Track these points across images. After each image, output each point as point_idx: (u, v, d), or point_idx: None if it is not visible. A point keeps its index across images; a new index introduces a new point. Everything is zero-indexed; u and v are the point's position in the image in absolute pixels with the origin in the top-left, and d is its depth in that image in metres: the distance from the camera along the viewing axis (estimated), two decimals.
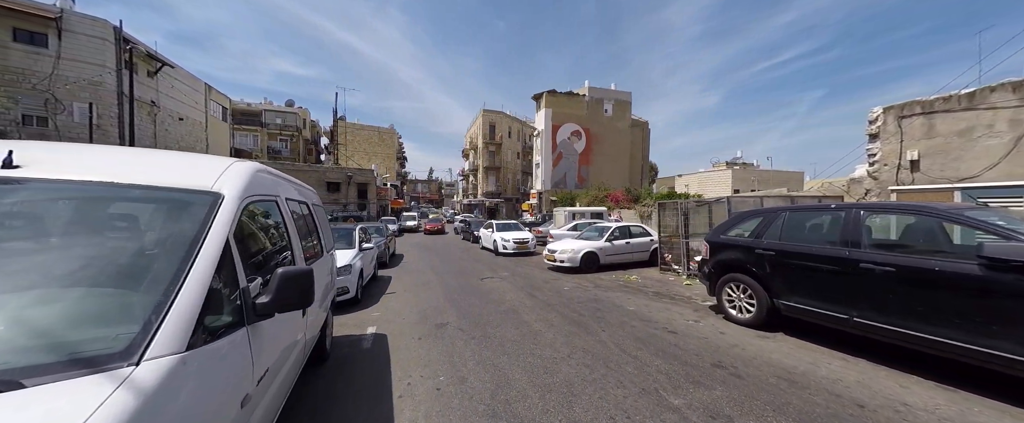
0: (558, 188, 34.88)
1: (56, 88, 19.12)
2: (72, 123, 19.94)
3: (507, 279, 9.09)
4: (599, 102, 36.80)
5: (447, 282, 8.69)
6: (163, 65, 25.87)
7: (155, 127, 25.52)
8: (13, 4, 18.12)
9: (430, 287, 8.08)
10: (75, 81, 19.65)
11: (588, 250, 9.91)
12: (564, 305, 6.35)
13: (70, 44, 19.84)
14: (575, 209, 17.02)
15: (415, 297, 7.11)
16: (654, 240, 11.05)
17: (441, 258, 13.47)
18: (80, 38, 20.38)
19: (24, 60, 18.52)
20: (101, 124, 21.17)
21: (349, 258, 6.46)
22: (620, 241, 10.49)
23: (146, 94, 24.84)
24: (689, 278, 8.71)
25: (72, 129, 19.85)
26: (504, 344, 4.44)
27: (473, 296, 7.15)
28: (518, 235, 14.67)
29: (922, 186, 8.70)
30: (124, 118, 20.84)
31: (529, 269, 10.72)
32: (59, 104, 19.22)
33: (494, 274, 9.92)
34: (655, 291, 7.48)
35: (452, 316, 5.72)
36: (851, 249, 3.74)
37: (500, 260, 12.92)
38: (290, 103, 48.52)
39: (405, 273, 10.12)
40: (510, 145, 51.80)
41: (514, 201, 50.59)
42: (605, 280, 8.83)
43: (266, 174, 2.29)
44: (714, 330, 4.83)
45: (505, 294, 7.34)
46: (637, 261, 10.81)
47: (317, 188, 30.59)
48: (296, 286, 1.61)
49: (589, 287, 7.98)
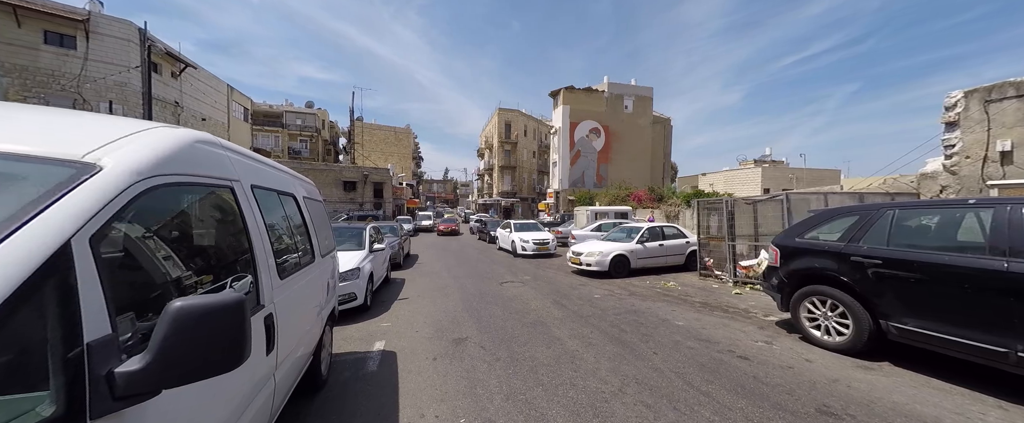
0: (576, 187, 33.82)
1: (83, 89, 19.54)
2: None
3: (529, 284, 8.30)
4: (619, 98, 35.51)
5: (464, 286, 7.96)
6: (186, 66, 26.34)
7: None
8: (43, 7, 18.58)
9: (446, 292, 7.37)
10: (102, 81, 20.05)
11: (618, 253, 9.00)
12: (599, 317, 5.50)
13: (97, 46, 20.24)
14: (597, 208, 16.07)
15: (430, 304, 6.40)
16: (690, 242, 10.03)
17: (457, 259, 12.79)
18: (107, 40, 20.78)
19: (54, 62, 18.99)
20: None
21: (357, 260, 5.81)
22: (652, 243, 9.53)
23: (170, 95, 25.31)
24: (737, 286, 7.69)
25: None
26: (536, 369, 3.65)
27: (493, 304, 6.38)
28: (538, 236, 13.86)
29: (1016, 180, 7.42)
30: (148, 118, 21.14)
31: (552, 272, 9.90)
32: (87, 105, 19.64)
33: (514, 278, 9.14)
34: (701, 301, 6.53)
35: (471, 329, 4.97)
36: (1011, 261, 2.77)
37: (519, 262, 12.14)
38: (309, 105, 49.19)
39: (420, 276, 9.46)
40: (526, 144, 51.00)
41: (530, 201, 49.73)
42: (639, 287, 7.91)
43: (213, 148, 1.58)
44: (796, 356, 3.89)
45: (529, 302, 6.54)
46: (672, 266, 9.82)
47: (333, 187, 30.74)
48: (208, 334, 0.87)
49: (623, 295, 7.10)
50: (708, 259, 8.82)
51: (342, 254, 5.95)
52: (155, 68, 23.81)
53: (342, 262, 5.57)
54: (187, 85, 26.74)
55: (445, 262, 12.04)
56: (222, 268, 1.57)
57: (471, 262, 12.14)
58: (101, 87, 20.17)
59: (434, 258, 13.16)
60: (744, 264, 7.86)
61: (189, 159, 1.34)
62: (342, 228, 7.15)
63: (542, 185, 52.37)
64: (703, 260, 8.93)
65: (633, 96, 35.96)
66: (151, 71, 21.62)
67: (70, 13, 19.07)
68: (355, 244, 6.58)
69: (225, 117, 31.63)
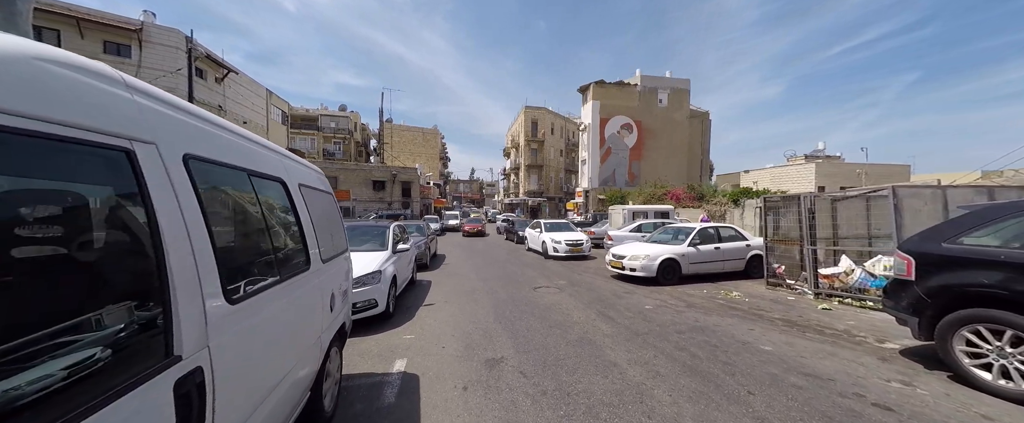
0: (607, 186, 32.37)
1: None
2: None
3: (566, 290, 7.42)
4: (653, 92, 33.62)
5: (495, 291, 7.22)
6: (228, 72, 27.59)
7: None
8: (103, 18, 19.89)
9: (475, 298, 6.65)
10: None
11: (667, 257, 7.92)
12: (659, 336, 4.56)
13: (149, 54, 21.42)
14: (635, 207, 14.87)
15: (458, 311, 5.70)
16: (751, 245, 8.75)
17: (485, 260, 12.11)
18: (157, 48, 21.95)
19: None
20: None
21: (379, 262, 5.20)
22: (707, 246, 8.35)
23: (214, 99, 26.56)
24: (821, 299, 6.42)
25: None
26: (595, 411, 2.81)
27: (529, 314, 5.58)
28: (570, 236, 12.91)
29: None
30: None
31: (589, 277, 8.95)
32: None
33: (548, 282, 8.30)
34: (782, 318, 5.38)
35: (507, 347, 4.19)
36: None
37: (551, 264, 11.27)
38: (342, 108, 50.82)
39: (446, 277, 8.83)
40: (553, 142, 49.88)
41: (557, 200, 48.56)
42: (696, 296, 6.82)
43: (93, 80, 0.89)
44: (963, 409, 2.79)
45: (570, 313, 5.68)
46: (729, 272, 8.58)
47: (363, 187, 31.26)
48: None
49: (679, 307, 6.07)
50: (778, 265, 7.54)
51: (363, 255, 5.38)
52: (200, 73, 25.07)
53: (362, 264, 4.99)
54: (230, 90, 28.04)
55: (473, 263, 11.39)
56: (87, 298, 0.85)
57: (500, 263, 11.42)
58: None
59: (461, 259, 12.56)
60: (826, 272, 6.58)
61: (25, 88, 0.64)
62: (363, 226, 6.63)
63: (570, 184, 51.02)
64: (771, 267, 7.66)
65: (668, 89, 33.94)
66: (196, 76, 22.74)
67: (126, 23, 20.33)
68: (377, 244, 6.00)
69: (264, 120, 33.01)
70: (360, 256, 5.29)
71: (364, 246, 5.90)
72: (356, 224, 6.66)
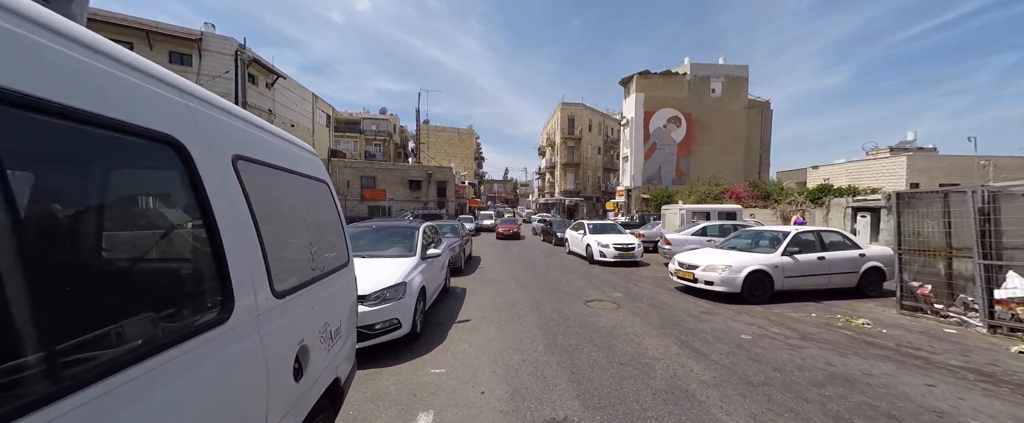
0: (651, 184, 30.04)
1: None
2: None
3: (625, 305, 6.11)
4: (704, 81, 30.70)
5: (539, 305, 6.08)
6: (277, 77, 28.91)
7: None
8: (169, 30, 21.34)
9: (518, 314, 5.55)
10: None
11: (756, 268, 6.32)
12: (787, 389, 3.17)
13: (208, 62, 22.72)
14: (694, 207, 13.03)
15: (499, 333, 4.63)
16: (865, 255, 6.87)
17: (524, 265, 11.01)
18: (215, 56, 23.21)
19: None
20: None
21: (404, 272, 4.25)
22: (807, 255, 6.62)
23: (264, 103, 27.88)
24: (1001, 335, 4.59)
25: None
26: None
27: (588, 341, 4.38)
28: (620, 239, 11.45)
29: None
30: None
31: (648, 289, 7.54)
32: None
33: (601, 294, 7.02)
34: (966, 365, 3.73)
35: (568, 398, 3.03)
36: None
37: (598, 271, 9.93)
38: (383, 111, 52.39)
39: (482, 285, 7.83)
40: (590, 140, 47.82)
41: (594, 200, 46.45)
42: (805, 322, 5.24)
43: None
44: None
45: (641, 340, 4.41)
46: (836, 289, 6.78)
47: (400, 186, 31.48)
48: None
49: (790, 338, 4.56)
50: (919, 284, 5.68)
51: (385, 262, 4.48)
52: (252, 79, 26.41)
53: (384, 274, 4.08)
54: (279, 95, 29.38)
55: (510, 269, 10.32)
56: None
57: (540, 269, 10.26)
58: None
59: (498, 263, 11.55)
60: (1006, 296, 4.72)
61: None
62: (389, 227, 5.76)
63: (608, 183, 48.65)
64: (907, 285, 5.81)
65: (722, 77, 30.85)
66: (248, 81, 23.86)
67: (188, 34, 21.69)
68: (404, 248, 5.08)
69: (310, 123, 34.43)
70: (382, 264, 4.40)
71: (389, 251, 5.01)
72: (381, 224, 5.83)
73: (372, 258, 4.60)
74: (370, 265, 4.31)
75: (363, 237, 5.36)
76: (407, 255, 4.82)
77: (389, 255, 4.83)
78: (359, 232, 5.47)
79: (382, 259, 4.59)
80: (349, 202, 28.36)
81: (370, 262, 4.41)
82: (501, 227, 20.82)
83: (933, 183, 24.24)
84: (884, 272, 6.86)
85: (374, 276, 3.99)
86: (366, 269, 4.21)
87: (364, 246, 5.12)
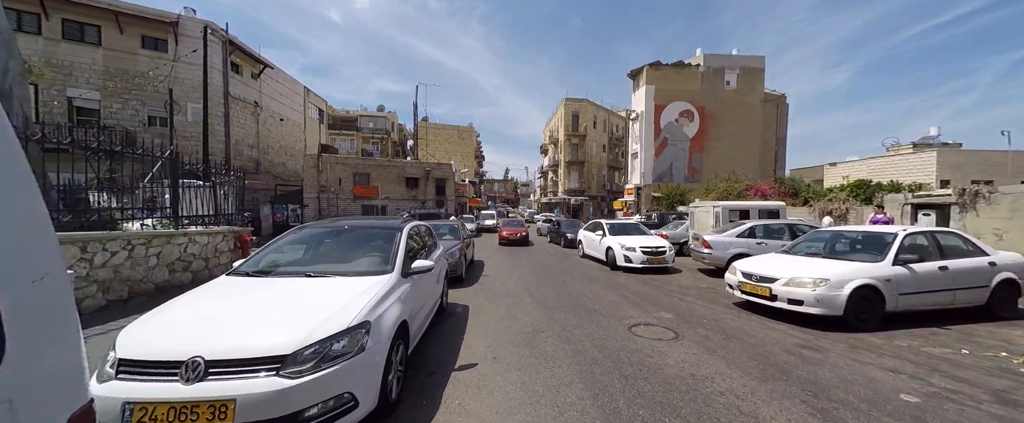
0: (662, 181, 28.41)
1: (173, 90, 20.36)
2: (186, 122, 21.21)
3: (686, 333, 4.45)
4: (718, 73, 29.06)
5: (571, 335, 4.43)
6: (265, 67, 27.16)
7: (258, 127, 26.93)
8: (140, 11, 19.61)
9: (544, 352, 3.89)
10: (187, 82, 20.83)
11: (863, 283, 4.66)
12: None
13: (186, 48, 21.03)
14: (732, 204, 11.37)
15: (523, 396, 2.96)
16: (996, 263, 5.21)
17: (535, 272, 9.36)
18: (194, 42, 21.48)
19: (148, 65, 19.96)
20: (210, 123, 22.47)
21: (367, 303, 2.51)
22: (926, 265, 4.95)
23: (250, 95, 26.11)
24: None
25: (187, 128, 21.10)
26: None
27: (667, 409, 2.73)
28: (647, 241, 9.81)
29: None
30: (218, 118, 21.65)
31: (702, 306, 5.88)
32: (177, 105, 20.47)
33: (646, 315, 5.36)
34: None
35: None
36: None
37: (624, 280, 8.30)
38: (381, 108, 50.75)
39: (489, 301, 6.17)
40: (595, 137, 46.21)
41: (599, 199, 44.83)
42: (960, 362, 3.59)
43: None
44: None
45: (750, 405, 2.76)
46: (960, 308, 5.12)
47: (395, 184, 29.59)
48: None
49: (978, 397, 2.91)
50: None
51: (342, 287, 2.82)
52: (236, 68, 24.64)
53: (333, 309, 2.42)
54: (266, 86, 27.60)
55: (521, 276, 8.66)
56: None
57: (555, 276, 8.60)
58: (187, 88, 20.93)
59: (504, 268, 9.90)
60: None
61: None
62: (359, 229, 4.00)
63: (613, 182, 47.02)
64: None
65: (737, 68, 29.21)
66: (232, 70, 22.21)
67: (162, 17, 19.96)
68: (376, 261, 3.36)
69: (302, 118, 32.66)
70: (337, 289, 2.73)
71: (354, 265, 3.33)
72: (353, 223, 4.10)
73: (324, 277, 2.95)
74: (316, 292, 2.67)
75: (317, 244, 3.69)
76: (380, 271, 3.13)
77: (354, 272, 3.15)
78: (313, 236, 3.79)
79: (340, 280, 2.92)
80: (341, 200, 26.64)
81: (317, 287, 2.76)
82: (505, 230, 16.77)
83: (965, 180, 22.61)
84: (1020, 285, 5.22)
85: (313, 313, 2.33)
86: (307, 299, 2.56)
87: (317, 258, 3.47)
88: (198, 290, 2.81)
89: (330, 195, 26.45)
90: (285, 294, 2.65)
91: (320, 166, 26.68)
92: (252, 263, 3.21)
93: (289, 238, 3.63)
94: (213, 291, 2.76)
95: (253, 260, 3.24)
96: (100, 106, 19.16)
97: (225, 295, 2.67)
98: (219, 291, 2.74)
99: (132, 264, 4.87)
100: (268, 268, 3.17)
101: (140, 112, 19.96)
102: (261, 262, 3.23)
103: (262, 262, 3.23)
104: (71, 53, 18.39)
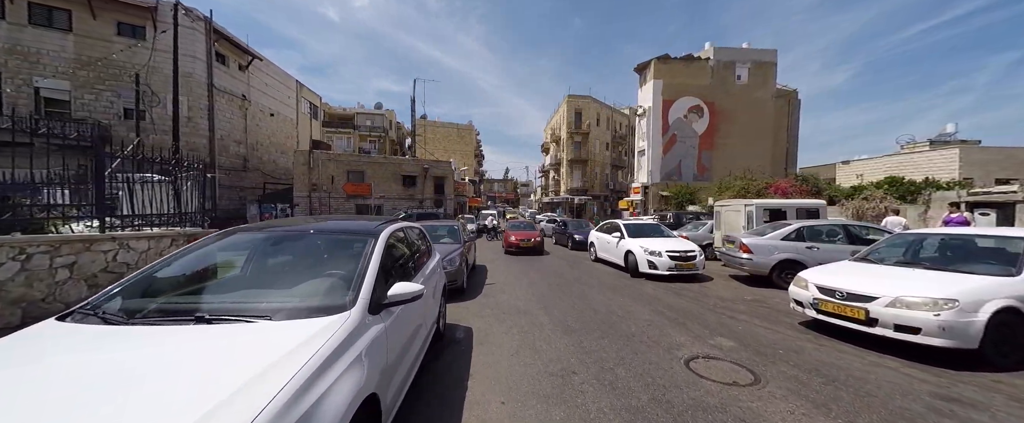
0: (671, 180, 27.27)
1: (151, 80, 19.05)
2: (166, 116, 19.88)
3: (765, 371, 3.26)
4: (729, 66, 27.90)
5: (611, 375, 3.23)
6: (253, 58, 25.78)
7: (247, 122, 25.56)
8: None
9: (585, 413, 2.70)
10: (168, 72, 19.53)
11: (1004, 305, 3.47)
12: None
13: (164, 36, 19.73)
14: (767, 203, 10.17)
15: None
16: None
17: (547, 280, 8.16)
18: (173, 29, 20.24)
19: (125, 53, 18.64)
20: (191, 117, 21.14)
21: (273, 397, 1.31)
22: None
23: (237, 88, 24.74)
24: None
25: (165, 121, 19.77)
26: None
27: None
28: (673, 245, 8.64)
29: None
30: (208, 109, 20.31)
31: (761, 326, 4.69)
32: (155, 97, 19.12)
33: (698, 341, 4.18)
34: None
35: None
36: None
37: (651, 289, 7.12)
38: (378, 106, 49.44)
39: (497, 322, 4.96)
40: (598, 135, 45.02)
41: (602, 199, 43.65)
42: None
43: None
44: None
45: None
46: None
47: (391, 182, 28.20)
48: None
49: None
50: None
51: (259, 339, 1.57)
52: (222, 59, 23.30)
53: (220, 398, 1.17)
54: (255, 79, 26.24)
55: (531, 285, 7.46)
56: None
57: (572, 286, 7.40)
58: (167, 78, 19.57)
59: (510, 275, 8.70)
60: None
61: None
62: (302, 237, 2.64)
63: (616, 181, 45.84)
64: None
65: (748, 62, 28.07)
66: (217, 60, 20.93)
67: (140, 1, 18.66)
68: (327, 292, 2.05)
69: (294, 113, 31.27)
70: (242, 345, 1.50)
71: (284, 296, 2.08)
72: (298, 228, 2.77)
73: (226, 324, 1.69)
74: (201, 357, 1.44)
75: (252, 258, 2.46)
76: (331, 306, 1.90)
77: (288, 309, 1.89)
78: (247, 245, 2.52)
79: (255, 329, 1.67)
80: (333, 199, 25.33)
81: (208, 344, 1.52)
82: (513, 235, 13.12)
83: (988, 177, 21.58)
84: None
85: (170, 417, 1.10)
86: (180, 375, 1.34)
87: (240, 283, 2.25)
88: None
89: (322, 194, 25.13)
90: (138, 365, 1.40)
91: (311, 163, 25.36)
92: (128, 290, 1.98)
93: (204, 250, 2.36)
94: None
95: (131, 285, 2.01)
96: (70, 97, 17.83)
97: (12, 379, 1.33)
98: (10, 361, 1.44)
99: (28, 279, 3.66)
100: (145, 301, 1.94)
101: (115, 104, 18.65)
102: (140, 289, 2.00)
103: (141, 289, 2.00)
104: (38, 39, 17.06)
